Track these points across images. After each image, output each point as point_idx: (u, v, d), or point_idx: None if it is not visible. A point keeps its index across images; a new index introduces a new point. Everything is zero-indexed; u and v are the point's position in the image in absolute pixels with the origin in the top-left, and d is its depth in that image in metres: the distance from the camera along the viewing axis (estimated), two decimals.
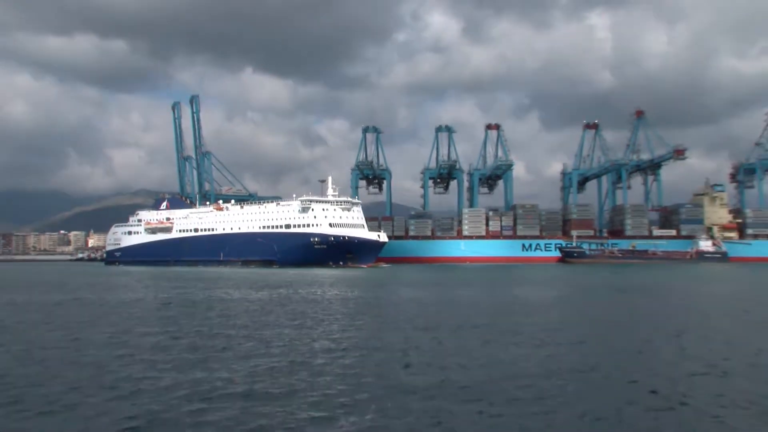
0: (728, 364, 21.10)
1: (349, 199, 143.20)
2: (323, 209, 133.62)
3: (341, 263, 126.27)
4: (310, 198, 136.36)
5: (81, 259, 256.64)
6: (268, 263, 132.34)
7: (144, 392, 16.74)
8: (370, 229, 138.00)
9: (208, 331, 28.91)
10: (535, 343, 25.33)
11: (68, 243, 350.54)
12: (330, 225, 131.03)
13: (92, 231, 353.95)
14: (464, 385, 17.57)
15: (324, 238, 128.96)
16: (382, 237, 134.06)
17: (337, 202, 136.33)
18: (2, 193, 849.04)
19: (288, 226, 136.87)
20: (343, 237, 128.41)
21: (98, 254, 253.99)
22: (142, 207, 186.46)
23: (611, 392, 17.63)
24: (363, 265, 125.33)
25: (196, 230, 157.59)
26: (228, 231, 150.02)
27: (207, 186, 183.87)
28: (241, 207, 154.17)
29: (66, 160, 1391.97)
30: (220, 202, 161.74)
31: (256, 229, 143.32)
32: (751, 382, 18.86)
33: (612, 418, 15.04)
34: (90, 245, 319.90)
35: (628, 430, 14.39)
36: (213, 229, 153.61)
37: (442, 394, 16.68)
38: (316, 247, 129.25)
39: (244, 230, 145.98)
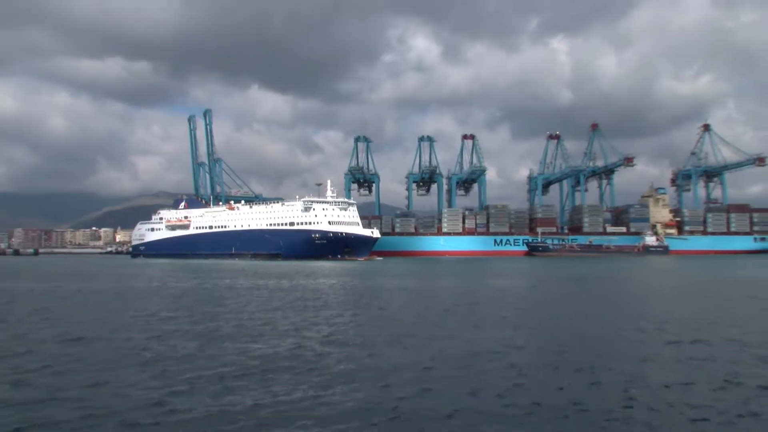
0: (671, 335, 22.86)
1: (346, 200, 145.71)
2: (323, 209, 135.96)
3: (339, 256, 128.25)
4: (312, 199, 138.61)
5: (110, 252, 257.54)
6: (274, 256, 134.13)
7: (173, 366, 17.31)
8: (362, 226, 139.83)
9: (225, 313, 30.03)
10: (502, 324, 26.24)
11: (99, 238, 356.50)
12: (329, 223, 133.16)
13: (119, 228, 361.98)
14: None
15: (324, 234, 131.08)
16: (375, 233, 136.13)
17: (335, 202, 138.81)
18: (44, 195, 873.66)
19: (292, 224, 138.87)
20: (341, 233, 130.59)
21: (124, 248, 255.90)
22: (163, 207, 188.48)
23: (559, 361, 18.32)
24: (359, 258, 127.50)
25: (210, 227, 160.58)
26: (239, 228, 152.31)
27: (218, 188, 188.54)
28: (250, 207, 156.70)
29: (97, 167, 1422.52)
30: (232, 202, 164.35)
31: (264, 227, 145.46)
32: (688, 344, 20.95)
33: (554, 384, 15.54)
34: (117, 240, 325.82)
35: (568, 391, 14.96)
36: (225, 227, 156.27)
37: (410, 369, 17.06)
38: (317, 242, 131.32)
39: (253, 227, 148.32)
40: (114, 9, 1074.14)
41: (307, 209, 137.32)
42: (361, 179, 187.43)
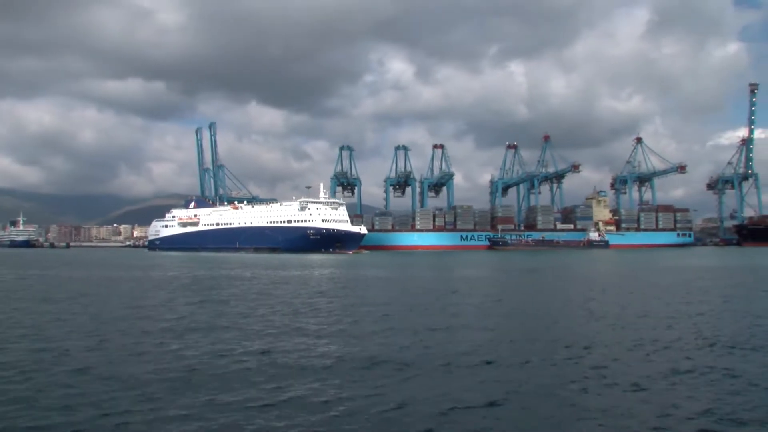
0: (611, 317, 23.04)
1: (336, 200, 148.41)
2: (317, 208, 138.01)
3: (331, 250, 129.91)
4: (307, 200, 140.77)
5: (128, 246, 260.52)
6: (273, 250, 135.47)
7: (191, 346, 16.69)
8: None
9: (234, 298, 30.26)
10: (469, 310, 25.91)
11: (119, 234, 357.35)
12: (323, 220, 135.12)
13: (137, 225, 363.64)
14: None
15: (318, 230, 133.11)
16: (363, 230, 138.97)
17: (327, 202, 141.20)
18: (74, 196, 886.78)
19: (290, 222, 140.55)
20: (334, 230, 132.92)
21: (141, 242, 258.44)
22: (175, 207, 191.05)
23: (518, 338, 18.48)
24: (348, 252, 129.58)
25: (217, 224, 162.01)
26: (242, 225, 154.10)
27: (221, 190, 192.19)
28: (252, 207, 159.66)
29: (119, 171, 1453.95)
30: (236, 202, 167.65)
31: (264, 224, 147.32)
32: (625, 325, 21.28)
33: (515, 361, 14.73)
34: (135, 235, 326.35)
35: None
36: (230, 224, 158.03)
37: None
38: (311, 237, 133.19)
39: (255, 224, 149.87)
40: (135, 36, 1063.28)
41: (303, 209, 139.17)
42: (345, 183, 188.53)
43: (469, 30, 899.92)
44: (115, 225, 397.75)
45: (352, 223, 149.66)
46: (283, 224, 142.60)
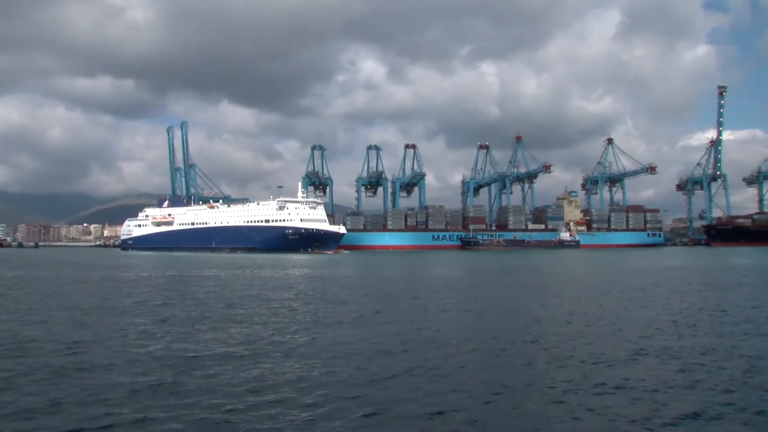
0: (582, 314, 23.56)
1: (315, 200, 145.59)
2: (296, 208, 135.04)
3: (310, 249, 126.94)
4: (286, 199, 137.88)
5: (99, 246, 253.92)
6: (251, 250, 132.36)
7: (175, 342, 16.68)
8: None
9: (211, 298, 29.88)
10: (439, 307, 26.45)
11: (89, 233, 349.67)
12: (301, 220, 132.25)
13: (107, 224, 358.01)
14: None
15: (297, 230, 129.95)
16: (342, 229, 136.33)
17: (305, 202, 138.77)
18: (42, 195, 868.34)
19: (267, 221, 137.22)
20: (313, 229, 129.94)
21: (111, 242, 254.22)
22: (145, 206, 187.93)
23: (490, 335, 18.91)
24: (328, 252, 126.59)
25: (192, 224, 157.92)
26: (218, 225, 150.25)
27: (192, 190, 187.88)
28: (228, 206, 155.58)
29: (89, 171, 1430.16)
30: (211, 201, 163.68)
31: (242, 223, 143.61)
32: (596, 319, 22.19)
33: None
34: (105, 235, 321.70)
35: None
36: (206, 223, 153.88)
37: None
38: (290, 237, 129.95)
39: (231, 224, 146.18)
40: (105, 33, 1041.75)
41: (281, 208, 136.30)
42: (317, 182, 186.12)
43: (441, 30, 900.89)
44: (84, 224, 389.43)
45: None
46: (260, 224, 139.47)
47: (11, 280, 44.91)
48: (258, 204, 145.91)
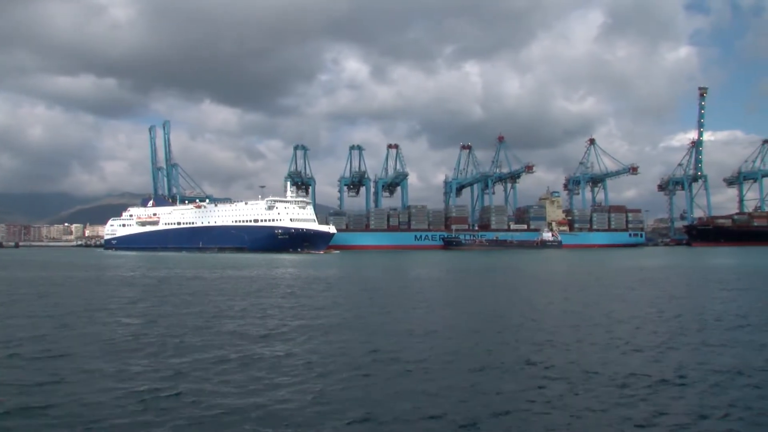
0: (559, 309, 24.96)
1: (304, 199, 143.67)
2: (285, 207, 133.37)
3: (299, 249, 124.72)
4: (275, 198, 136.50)
5: (81, 246, 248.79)
6: (239, 250, 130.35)
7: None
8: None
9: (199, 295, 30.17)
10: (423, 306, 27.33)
11: (71, 233, 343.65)
12: (291, 220, 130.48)
13: (88, 224, 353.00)
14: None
15: (286, 230, 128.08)
16: (332, 229, 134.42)
17: (295, 201, 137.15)
18: (22, 194, 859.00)
19: (256, 221, 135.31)
20: (303, 229, 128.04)
21: (92, 242, 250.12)
22: (127, 206, 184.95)
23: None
24: (318, 252, 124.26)
25: (178, 223, 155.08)
26: (205, 224, 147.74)
27: (174, 189, 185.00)
28: (215, 205, 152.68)
29: (70, 170, 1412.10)
30: (197, 201, 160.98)
31: (230, 223, 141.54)
32: (570, 314, 23.08)
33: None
34: (87, 235, 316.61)
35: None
36: (193, 223, 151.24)
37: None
38: (280, 237, 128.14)
39: (219, 224, 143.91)
40: (87, 31, 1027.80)
41: (270, 208, 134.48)
42: (300, 182, 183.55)
43: (425, 30, 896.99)
44: (66, 224, 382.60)
45: None
46: (249, 223, 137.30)
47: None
48: (246, 204, 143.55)
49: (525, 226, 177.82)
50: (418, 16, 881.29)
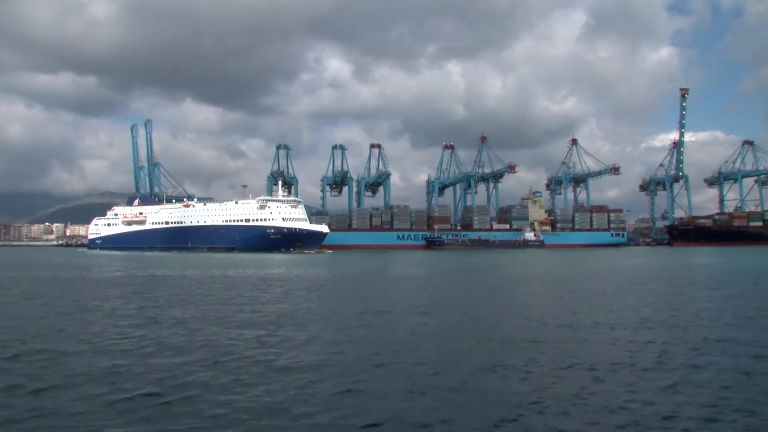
0: (538, 307, 25.46)
1: (296, 198, 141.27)
2: (277, 207, 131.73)
3: (291, 249, 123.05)
4: (266, 198, 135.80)
5: (62, 245, 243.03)
6: (230, 249, 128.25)
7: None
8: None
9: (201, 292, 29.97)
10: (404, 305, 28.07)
11: (51, 232, 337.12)
12: (283, 219, 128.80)
13: (69, 223, 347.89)
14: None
15: (279, 229, 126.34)
16: (325, 229, 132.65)
17: (287, 201, 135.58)
18: (2, 193, 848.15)
19: (248, 220, 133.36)
20: (295, 229, 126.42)
21: (74, 241, 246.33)
22: (108, 205, 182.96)
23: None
24: (310, 251, 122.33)
25: (166, 223, 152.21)
26: (194, 224, 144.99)
27: (156, 188, 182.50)
28: (205, 205, 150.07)
29: (50, 168, 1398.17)
30: (185, 200, 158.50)
31: (220, 222, 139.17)
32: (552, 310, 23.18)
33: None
34: (68, 234, 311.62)
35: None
36: (181, 222, 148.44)
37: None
38: (272, 237, 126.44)
39: (209, 223, 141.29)
40: (66, 28, 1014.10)
41: (262, 207, 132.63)
42: (282, 182, 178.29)
43: (407, 29, 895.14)
44: (47, 224, 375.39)
45: None
46: (240, 223, 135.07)
47: None
48: (237, 203, 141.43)
49: (507, 226, 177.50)
50: (400, 16, 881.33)
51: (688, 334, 17.48)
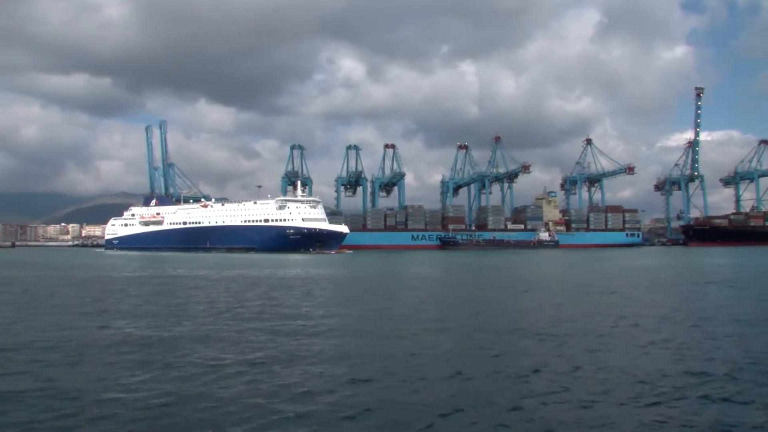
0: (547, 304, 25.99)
1: (315, 198, 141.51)
2: (297, 207, 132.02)
3: (311, 249, 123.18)
4: (286, 198, 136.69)
5: (78, 245, 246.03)
6: (248, 250, 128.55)
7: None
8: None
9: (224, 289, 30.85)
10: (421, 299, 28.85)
11: (67, 233, 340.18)
12: (303, 219, 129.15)
13: (84, 224, 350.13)
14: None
15: (298, 230, 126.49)
16: (345, 229, 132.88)
17: (306, 201, 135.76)
18: (19, 194, 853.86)
19: (267, 220, 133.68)
20: (315, 229, 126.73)
21: (89, 242, 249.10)
22: (123, 205, 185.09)
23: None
24: (330, 252, 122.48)
25: (184, 223, 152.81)
26: (213, 224, 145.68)
27: (171, 189, 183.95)
28: (223, 205, 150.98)
29: (65, 169, 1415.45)
30: (203, 200, 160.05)
31: (238, 223, 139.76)
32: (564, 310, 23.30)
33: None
34: (83, 235, 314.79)
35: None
36: (199, 222, 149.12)
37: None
38: (291, 237, 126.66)
39: (228, 223, 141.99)
40: (80, 29, 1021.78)
41: (281, 207, 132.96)
42: (296, 182, 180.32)
43: (419, 29, 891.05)
44: (62, 224, 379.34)
45: None
46: (259, 223, 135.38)
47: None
48: (256, 203, 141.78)
49: (522, 226, 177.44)
50: (413, 15, 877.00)
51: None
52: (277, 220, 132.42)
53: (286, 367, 13.22)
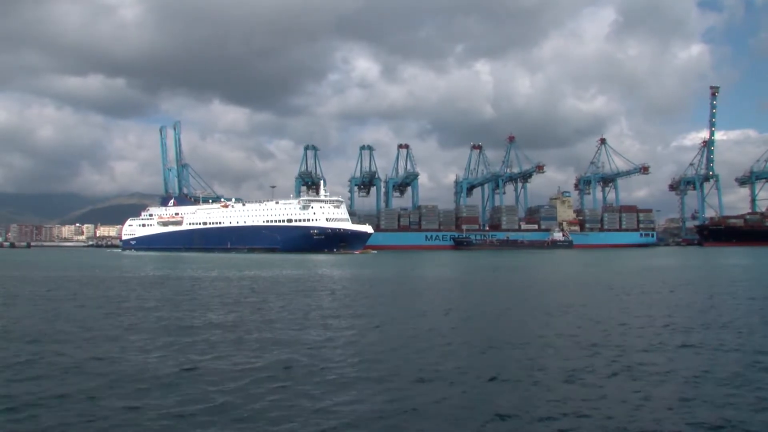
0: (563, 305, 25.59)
1: (338, 198, 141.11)
2: (320, 207, 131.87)
3: (335, 250, 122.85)
4: (309, 198, 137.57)
5: (93, 246, 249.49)
6: (271, 250, 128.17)
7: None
8: None
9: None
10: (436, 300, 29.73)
11: (82, 233, 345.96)
12: (327, 219, 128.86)
13: (99, 224, 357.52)
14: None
15: (322, 230, 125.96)
16: (369, 229, 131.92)
17: (329, 201, 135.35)
18: (35, 195, 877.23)
19: (290, 221, 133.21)
20: (340, 229, 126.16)
21: (104, 242, 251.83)
22: (138, 206, 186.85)
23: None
24: (354, 252, 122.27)
25: (204, 223, 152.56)
26: (234, 224, 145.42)
27: (185, 189, 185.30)
28: (244, 205, 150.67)
29: (80, 170, 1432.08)
30: (222, 200, 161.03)
31: (260, 223, 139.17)
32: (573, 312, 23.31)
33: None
34: (98, 235, 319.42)
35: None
36: (220, 223, 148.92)
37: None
38: (315, 237, 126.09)
39: (249, 223, 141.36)
40: (96, 31, 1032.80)
41: (305, 207, 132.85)
42: (310, 182, 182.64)
43: (435, 28, 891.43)
44: (77, 224, 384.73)
45: None
46: (282, 223, 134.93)
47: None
48: (278, 203, 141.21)
49: (536, 226, 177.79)
50: (428, 15, 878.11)
51: None
52: (300, 221, 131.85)
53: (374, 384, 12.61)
